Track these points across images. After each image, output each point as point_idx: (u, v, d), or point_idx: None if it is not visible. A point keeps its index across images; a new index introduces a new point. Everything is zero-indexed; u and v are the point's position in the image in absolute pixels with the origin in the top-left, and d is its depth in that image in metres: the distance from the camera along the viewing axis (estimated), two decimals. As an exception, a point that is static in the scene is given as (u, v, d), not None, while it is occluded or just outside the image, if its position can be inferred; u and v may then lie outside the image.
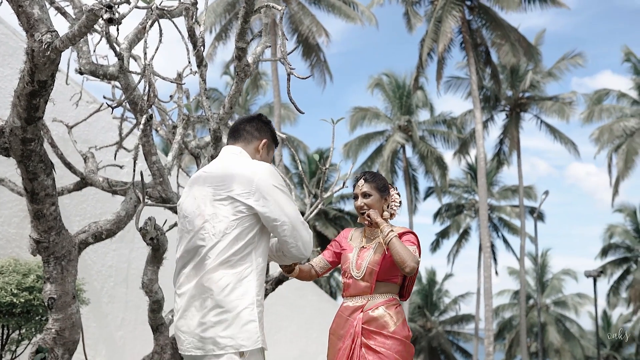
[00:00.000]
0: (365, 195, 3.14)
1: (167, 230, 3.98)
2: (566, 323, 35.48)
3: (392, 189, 3.28)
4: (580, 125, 39.06)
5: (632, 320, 35.12)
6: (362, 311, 3.01)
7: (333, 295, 28.86)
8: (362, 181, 3.18)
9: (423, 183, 30.19)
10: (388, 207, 3.20)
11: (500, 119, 30.76)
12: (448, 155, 47.71)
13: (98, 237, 4.51)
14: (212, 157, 4.33)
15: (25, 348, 5.21)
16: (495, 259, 33.19)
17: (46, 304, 4.24)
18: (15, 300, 4.78)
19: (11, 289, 4.80)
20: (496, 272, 33.24)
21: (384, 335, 2.94)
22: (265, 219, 2.36)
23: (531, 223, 33.42)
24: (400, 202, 3.26)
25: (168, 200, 4.37)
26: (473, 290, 32.11)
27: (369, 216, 3.01)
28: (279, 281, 4.68)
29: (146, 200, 3.89)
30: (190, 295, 2.35)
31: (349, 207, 33.73)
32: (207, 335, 2.27)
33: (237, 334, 2.25)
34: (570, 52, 29.06)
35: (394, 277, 3.09)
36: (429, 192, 33.14)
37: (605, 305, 35.37)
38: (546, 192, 25.30)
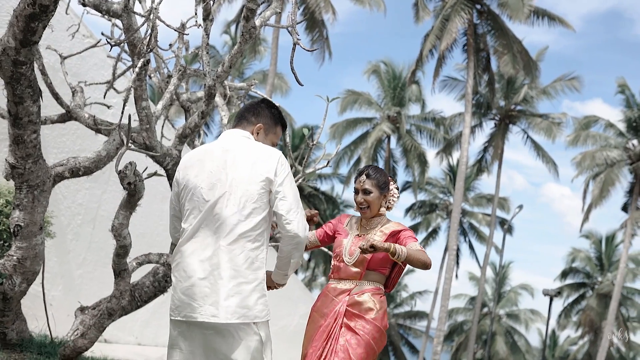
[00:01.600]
0: (366, 192, 3.22)
1: (145, 178, 3.95)
2: (515, 336, 36.19)
3: (392, 183, 3.35)
4: (564, 148, 39.50)
5: (577, 344, 35.97)
6: (348, 294, 3.13)
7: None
8: (364, 177, 3.25)
9: (401, 176, 30.31)
10: (386, 202, 3.30)
11: (488, 126, 30.95)
12: (431, 153, 47.85)
13: (75, 172, 4.46)
14: (203, 113, 4.29)
15: (-17, 270, 5.16)
16: (458, 263, 33.61)
17: (12, 230, 4.20)
18: (-20, 221, 4.72)
19: (-22, 210, 4.74)
20: (456, 276, 33.69)
21: (365, 320, 3.07)
22: (275, 193, 2.49)
23: (499, 234, 33.78)
24: (398, 197, 3.36)
25: (151, 148, 4.33)
26: (431, 289, 32.54)
27: (372, 247, 2.95)
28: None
29: (129, 144, 3.85)
30: (208, 264, 2.41)
31: (324, 187, 33.81)
32: (224, 304, 2.35)
33: (252, 306, 2.37)
34: (568, 74, 29.27)
35: (383, 268, 3.20)
36: (405, 186, 33.32)
37: (555, 325, 36.15)
38: (520, 207, 25.62)
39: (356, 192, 3.27)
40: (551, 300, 20.94)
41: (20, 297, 4.35)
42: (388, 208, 3.32)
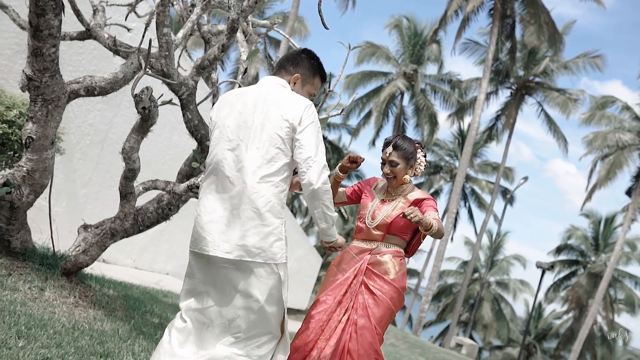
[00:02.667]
0: (392, 163, 3.28)
1: (160, 105, 3.96)
2: (501, 303, 36.75)
3: (419, 151, 3.38)
4: (577, 125, 39.08)
5: (561, 319, 36.55)
6: (370, 253, 3.21)
7: (293, 213, 29.21)
8: (390, 148, 3.28)
9: (410, 134, 30.18)
10: (413, 171, 3.34)
11: (504, 95, 30.65)
12: (442, 115, 47.63)
13: (90, 91, 4.47)
14: (224, 47, 4.27)
15: (-8, 178, 5.23)
16: (455, 226, 33.84)
17: (24, 141, 4.24)
18: (-7, 129, 4.76)
19: (-9, 118, 4.77)
20: (452, 239, 33.92)
21: (383, 280, 3.14)
22: (295, 140, 2.52)
23: (500, 203, 33.86)
24: (425, 164, 3.39)
25: (168, 76, 4.33)
26: (426, 249, 32.81)
27: (417, 221, 2.96)
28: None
29: (147, 69, 3.84)
30: (228, 203, 2.46)
31: (332, 136, 33.77)
32: (241, 242, 2.40)
33: (268, 247, 2.42)
34: (592, 52, 28.71)
35: (404, 234, 3.27)
36: (413, 146, 33.15)
37: (543, 298, 36.64)
38: (525, 178, 25.59)
39: (383, 162, 3.32)
40: (543, 272, 21.17)
41: (27, 208, 4.43)
42: (415, 175, 3.38)
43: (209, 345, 2.45)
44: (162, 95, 4.13)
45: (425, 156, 3.41)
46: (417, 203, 3.26)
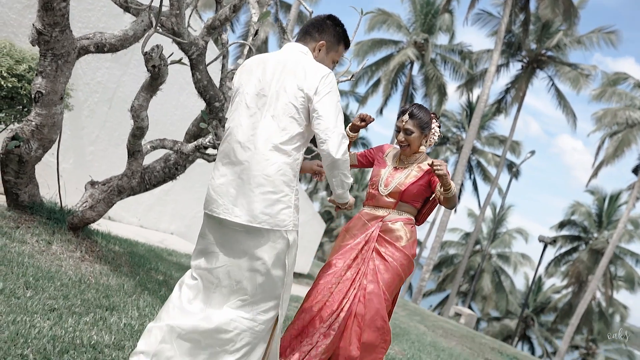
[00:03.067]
0: (408, 131, 3.31)
1: (170, 63, 3.96)
2: (502, 276, 37.02)
3: (434, 121, 3.42)
4: (587, 102, 38.73)
5: (560, 293, 36.84)
6: (381, 221, 3.26)
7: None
8: (406, 116, 3.32)
9: (418, 105, 30.00)
10: (427, 140, 3.38)
11: (514, 68, 30.45)
12: (451, 86, 47.17)
13: (100, 48, 4.46)
14: (235, 7, 4.24)
15: (0, 132, 5.25)
16: (459, 198, 33.91)
17: (33, 96, 4.26)
18: (2, 82, 4.77)
19: (1, 71, 4.78)
20: (455, 210, 34.03)
21: (394, 247, 3.19)
22: (313, 110, 2.52)
23: (505, 176, 33.89)
24: (440, 135, 3.45)
25: (179, 35, 4.31)
26: (429, 219, 32.88)
27: (441, 175, 3.02)
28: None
29: (158, 27, 3.83)
30: (239, 167, 2.50)
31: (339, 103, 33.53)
32: (249, 207, 2.44)
33: (275, 214, 2.45)
34: (607, 27, 28.25)
35: (416, 202, 3.32)
36: (421, 116, 33.00)
37: (543, 272, 36.88)
38: (532, 152, 25.50)
39: (398, 130, 3.35)
40: (545, 246, 21.26)
41: (35, 162, 4.47)
42: (429, 145, 3.41)
43: (216, 305, 2.49)
44: (172, 54, 4.12)
45: (439, 127, 3.44)
46: (430, 172, 3.28)
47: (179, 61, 4.14)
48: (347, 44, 2.84)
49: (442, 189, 3.11)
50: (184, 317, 2.46)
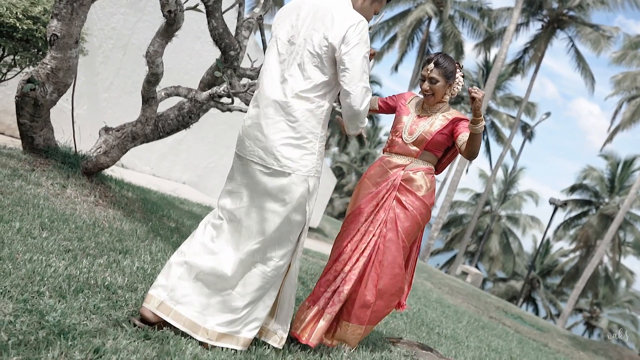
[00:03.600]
0: (432, 80, 3.30)
1: (185, 9, 3.91)
2: (510, 237, 37.15)
3: (458, 71, 3.39)
4: (607, 64, 38.04)
5: (568, 257, 36.98)
6: (403, 169, 3.29)
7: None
8: (432, 65, 3.30)
9: (434, 62, 29.49)
10: (451, 90, 3.36)
11: (534, 27, 29.70)
12: (469, 44, 46.43)
13: (116, -9, 4.40)
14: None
15: (16, 75, 5.26)
16: (471, 159, 33.70)
17: (48, 39, 4.23)
18: (18, 24, 4.74)
19: (17, 13, 4.74)
20: (467, 170, 33.96)
21: (415, 196, 3.24)
22: (340, 61, 2.51)
23: (519, 138, 33.65)
24: (463, 85, 3.41)
25: (195, -20, 4.24)
26: (440, 178, 32.90)
27: (478, 104, 3.05)
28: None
29: (174, -28, 3.76)
30: (269, 110, 2.53)
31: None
32: (271, 150, 2.49)
33: (298, 159, 2.50)
34: (632, -14, 27.53)
35: (438, 150, 3.34)
36: (437, 73, 32.58)
37: (551, 235, 36.95)
38: (548, 114, 25.24)
39: (422, 79, 3.33)
40: (555, 209, 21.25)
41: (50, 106, 4.47)
42: (452, 95, 3.39)
43: (235, 246, 2.56)
44: (187, 0, 4.06)
45: (463, 77, 3.41)
46: (455, 122, 3.30)
47: (195, 7, 4.09)
48: None
49: (471, 121, 3.11)
50: (204, 255, 2.54)
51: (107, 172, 5.20)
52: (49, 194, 3.98)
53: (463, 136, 3.22)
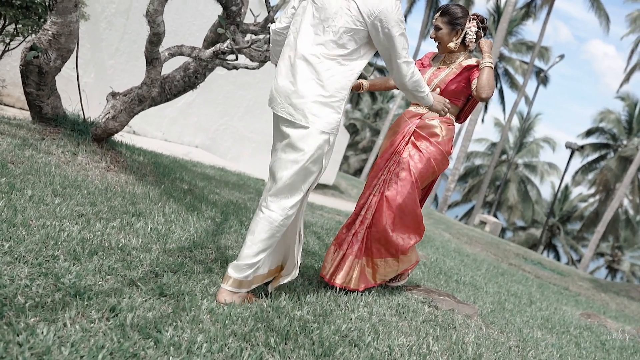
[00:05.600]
0: (437, 27, 3.43)
1: (184, -35, 3.81)
2: (528, 185, 36.95)
3: (471, 21, 3.45)
4: (622, 2, 37.05)
5: (587, 202, 36.77)
6: (420, 118, 3.42)
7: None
8: (438, 14, 3.44)
9: (444, 11, 28.83)
10: (457, 38, 3.42)
11: (545, -32, 28.87)
12: (479, -9, 45.29)
13: (112, -49, 4.30)
14: None
15: (20, 44, 5.22)
16: (486, 107, 33.37)
17: (48, 3, 4.17)
18: (16, -8, 4.67)
19: (14, -20, 4.67)
20: (483, 120, 33.59)
21: (429, 142, 3.37)
22: (378, 41, 2.66)
23: (533, 84, 33.07)
24: (476, 35, 3.47)
25: None
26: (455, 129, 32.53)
27: (479, 45, 3.36)
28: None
29: None
30: (300, 66, 2.65)
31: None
32: (301, 107, 2.62)
33: (324, 116, 2.63)
34: None
35: (456, 99, 3.44)
36: (446, 23, 31.99)
37: (570, 180, 36.70)
38: (561, 56, 24.75)
39: (435, 28, 3.46)
40: (572, 153, 21.02)
41: (55, 73, 4.43)
42: (466, 47, 3.47)
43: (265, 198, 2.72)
44: (185, -46, 3.96)
45: (478, 28, 3.47)
46: (470, 69, 3.39)
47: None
48: None
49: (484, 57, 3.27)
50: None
51: (118, 137, 5.19)
52: (60, 162, 3.98)
53: (476, 81, 3.32)
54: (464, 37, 3.43)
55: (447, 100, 3.09)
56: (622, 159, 32.20)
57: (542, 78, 27.25)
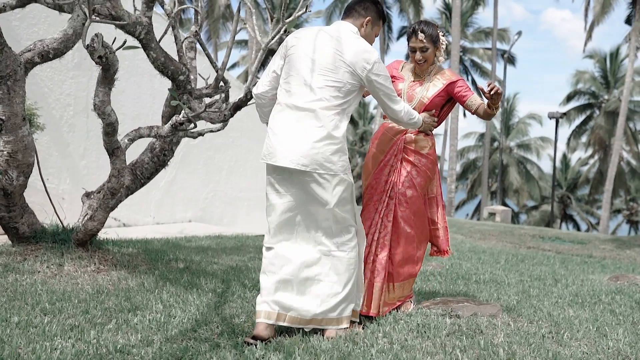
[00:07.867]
0: (423, 49, 3.50)
1: (116, 49, 3.76)
2: (527, 165, 36.86)
3: (442, 34, 3.57)
4: (562, -34, 37.57)
5: (588, 164, 36.64)
6: (405, 134, 3.53)
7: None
8: (421, 35, 3.49)
9: (397, 22, 29.38)
10: (440, 53, 3.56)
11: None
12: (423, -6, 46.03)
13: (45, 56, 4.27)
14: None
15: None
16: (463, 102, 33.43)
17: (-5, 126, 4.11)
18: (-36, 122, 4.61)
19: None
20: (464, 115, 33.65)
21: (420, 154, 3.51)
22: (373, 92, 3.05)
23: (502, 66, 33.24)
24: (446, 44, 3.63)
25: (118, 18, 4.10)
26: (440, 130, 32.74)
27: (499, 99, 3.40)
28: (237, 107, 4.60)
29: (94, 17, 3.62)
30: (303, 119, 2.87)
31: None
32: (315, 157, 2.83)
33: (337, 161, 2.88)
34: None
35: (436, 111, 3.58)
36: (402, 32, 32.41)
37: (565, 148, 36.64)
38: (519, 33, 24.95)
39: (413, 50, 3.52)
40: (557, 122, 20.99)
41: (21, 191, 4.35)
42: (441, 56, 3.58)
43: (301, 243, 2.97)
44: (114, 39, 3.92)
45: (444, 35, 3.58)
46: (451, 84, 3.52)
47: (125, 45, 3.94)
48: (384, 21, 3.25)
49: (494, 107, 3.41)
50: (285, 267, 2.91)
51: (102, 236, 5.09)
52: (46, 278, 3.87)
53: (471, 101, 3.50)
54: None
55: (433, 116, 3.44)
56: (608, 114, 32.22)
57: (507, 58, 27.39)
